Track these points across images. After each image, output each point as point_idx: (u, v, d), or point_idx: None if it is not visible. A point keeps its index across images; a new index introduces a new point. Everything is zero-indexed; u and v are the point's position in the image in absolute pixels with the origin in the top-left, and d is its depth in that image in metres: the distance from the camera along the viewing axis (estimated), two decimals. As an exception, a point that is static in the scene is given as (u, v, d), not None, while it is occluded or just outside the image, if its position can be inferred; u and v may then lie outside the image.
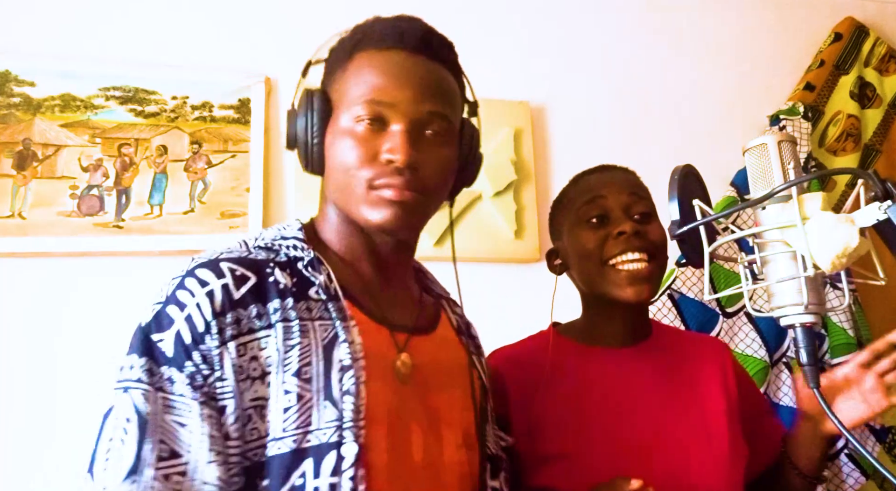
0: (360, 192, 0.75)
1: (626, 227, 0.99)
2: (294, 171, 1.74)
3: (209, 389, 0.65)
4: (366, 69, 0.77)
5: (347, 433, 0.66)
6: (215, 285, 0.68)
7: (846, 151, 2.09)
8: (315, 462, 0.66)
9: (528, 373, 1.03)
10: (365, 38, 0.78)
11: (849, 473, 1.78)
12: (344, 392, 0.68)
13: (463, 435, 0.79)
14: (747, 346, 1.81)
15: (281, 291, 0.71)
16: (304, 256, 0.75)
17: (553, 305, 1.09)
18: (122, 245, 1.61)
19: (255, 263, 0.72)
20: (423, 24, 0.80)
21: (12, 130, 1.64)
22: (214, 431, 0.64)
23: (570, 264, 1.08)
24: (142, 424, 0.63)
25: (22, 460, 1.48)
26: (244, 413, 0.66)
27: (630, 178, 1.08)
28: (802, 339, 0.71)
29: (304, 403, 0.67)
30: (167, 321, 0.67)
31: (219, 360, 0.66)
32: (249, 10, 1.84)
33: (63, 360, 1.53)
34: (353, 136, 0.75)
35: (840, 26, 2.18)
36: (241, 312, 0.68)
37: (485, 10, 1.99)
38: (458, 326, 0.90)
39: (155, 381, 0.65)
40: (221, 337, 0.66)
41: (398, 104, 0.75)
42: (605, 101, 2.01)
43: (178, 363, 0.66)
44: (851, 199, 0.72)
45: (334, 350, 0.70)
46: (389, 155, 0.74)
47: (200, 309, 0.67)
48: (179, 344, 0.66)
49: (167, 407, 0.65)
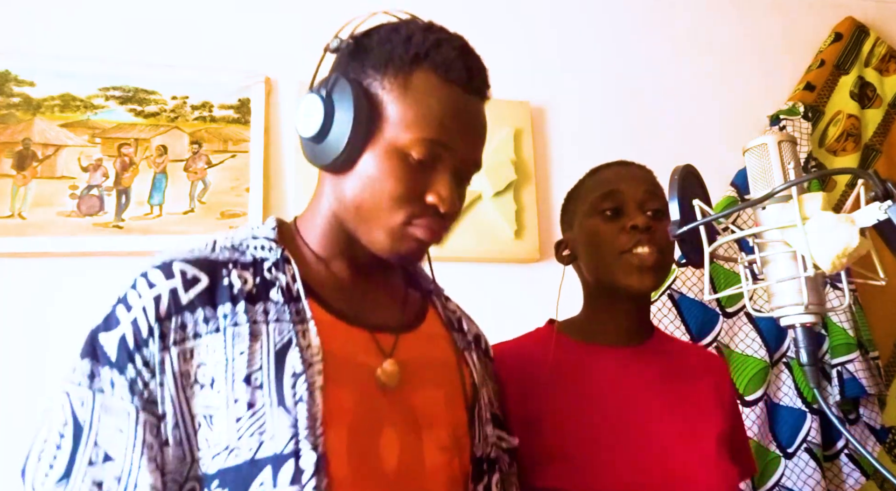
0: (391, 224, 0.72)
1: (640, 220, 1.00)
2: (294, 171, 1.74)
3: (149, 395, 0.64)
4: (429, 99, 0.72)
5: (304, 442, 0.64)
6: (163, 288, 0.67)
7: (846, 151, 2.09)
8: (273, 472, 0.64)
9: (526, 370, 1.03)
10: (427, 56, 0.73)
11: (849, 473, 1.78)
12: (297, 399, 0.65)
13: (450, 436, 0.76)
14: (747, 346, 1.81)
15: (234, 295, 0.69)
16: (270, 256, 0.73)
17: (559, 297, 1.09)
18: (122, 245, 1.61)
19: (211, 264, 0.70)
20: (482, 63, 0.78)
21: (12, 130, 1.64)
22: (151, 437, 0.63)
23: (579, 254, 1.08)
24: (77, 428, 0.63)
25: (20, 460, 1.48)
26: (194, 420, 0.65)
27: (647, 176, 1.09)
28: (802, 339, 0.71)
29: (255, 410, 0.65)
30: (114, 323, 0.67)
31: (160, 365, 0.65)
32: (249, 10, 1.84)
33: (63, 360, 1.53)
34: (402, 165, 0.71)
35: (840, 26, 2.18)
36: (188, 317, 0.67)
37: (485, 10, 1.99)
38: (448, 321, 0.87)
39: (95, 383, 0.65)
40: (164, 342, 0.65)
41: (456, 150, 0.74)
42: (605, 101, 2.01)
43: (119, 366, 0.65)
44: (851, 199, 0.72)
45: (287, 355, 0.67)
46: (435, 199, 0.72)
47: (146, 312, 0.66)
48: (123, 347, 0.65)
49: (105, 410, 0.64)
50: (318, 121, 0.72)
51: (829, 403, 1.76)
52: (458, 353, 0.84)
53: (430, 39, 0.74)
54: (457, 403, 0.79)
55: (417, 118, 0.71)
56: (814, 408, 1.77)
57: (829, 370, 1.80)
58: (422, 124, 0.71)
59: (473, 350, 0.88)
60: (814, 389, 0.70)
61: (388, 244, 0.73)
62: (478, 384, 0.84)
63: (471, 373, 0.84)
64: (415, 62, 0.73)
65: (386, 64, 0.73)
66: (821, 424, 1.77)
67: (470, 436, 0.79)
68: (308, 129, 0.74)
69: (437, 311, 0.88)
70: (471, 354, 0.86)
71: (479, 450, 0.80)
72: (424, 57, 0.73)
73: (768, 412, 1.78)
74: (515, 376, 1.02)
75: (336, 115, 0.72)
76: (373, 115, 0.72)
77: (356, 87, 0.72)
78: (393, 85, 0.72)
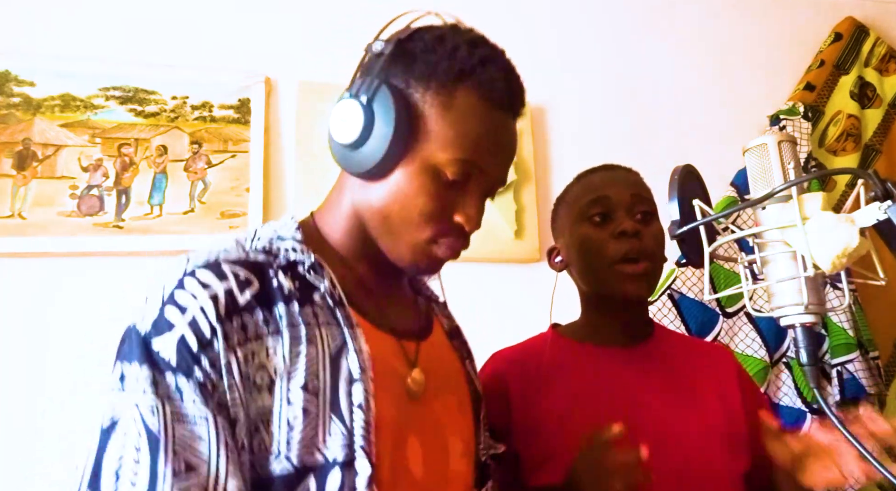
0: (417, 239, 0.72)
1: (628, 226, 1.00)
2: (294, 171, 1.74)
3: (220, 398, 0.61)
4: (471, 119, 0.71)
5: (359, 450, 0.63)
6: (218, 288, 0.64)
7: (846, 151, 2.09)
8: (318, 481, 0.62)
9: (530, 374, 1.03)
10: (473, 73, 0.71)
11: (849, 473, 1.78)
12: (355, 406, 0.64)
13: (465, 442, 0.78)
14: (747, 346, 1.81)
15: (286, 296, 0.67)
16: (304, 259, 0.71)
17: (552, 303, 1.09)
18: (122, 245, 1.61)
19: (257, 266, 0.68)
20: (521, 82, 0.77)
21: (12, 130, 1.64)
22: (231, 440, 0.61)
23: (572, 262, 1.08)
24: (153, 440, 0.59)
25: (20, 460, 1.48)
26: (252, 424, 0.63)
27: (633, 178, 1.09)
28: (802, 339, 0.71)
29: (309, 416, 0.63)
30: (166, 325, 0.62)
31: (227, 367, 0.62)
32: (249, 10, 1.84)
33: (63, 360, 1.53)
34: (436, 183, 0.71)
35: (840, 26, 2.18)
36: (248, 318, 0.64)
37: (485, 10, 1.99)
38: (449, 331, 0.88)
39: (161, 391, 0.60)
40: (228, 343, 0.62)
41: (489, 171, 0.73)
42: (605, 101, 2.01)
43: (184, 370, 0.61)
44: (851, 199, 0.72)
45: (342, 360, 0.66)
46: (463, 220, 0.72)
47: (205, 312, 0.62)
48: (185, 350, 0.61)
49: (179, 417, 0.60)
50: (357, 129, 0.70)
51: (829, 403, 1.76)
52: (462, 361, 0.85)
53: (477, 56, 0.72)
54: (466, 410, 0.81)
55: (457, 138, 0.70)
56: (814, 408, 1.77)
57: (829, 370, 1.80)
58: (460, 145, 0.70)
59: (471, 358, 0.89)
60: (814, 389, 0.70)
61: (410, 258, 0.73)
62: (480, 393, 0.85)
63: (472, 381, 0.85)
64: (459, 79, 0.71)
65: (430, 77, 0.71)
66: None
67: (476, 442, 0.80)
68: (345, 136, 0.71)
69: (440, 320, 0.88)
70: (470, 363, 0.88)
71: (482, 455, 0.81)
72: (469, 74, 0.71)
73: (768, 412, 1.78)
74: (518, 381, 1.03)
75: (376, 124, 0.70)
76: (413, 129, 0.71)
77: (398, 98, 0.70)
78: (435, 100, 0.71)
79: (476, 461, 0.80)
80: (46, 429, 1.49)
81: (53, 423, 1.50)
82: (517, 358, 1.08)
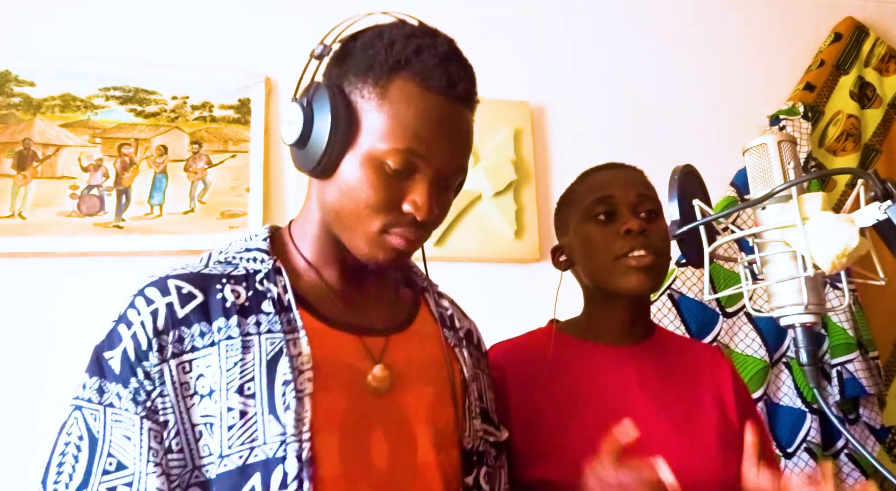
0: (368, 231, 0.74)
1: (634, 224, 1.00)
2: (294, 171, 1.73)
3: (151, 404, 0.68)
4: (407, 108, 0.72)
5: (290, 448, 0.67)
6: (160, 304, 0.71)
7: (846, 151, 2.09)
8: (263, 477, 0.67)
9: (527, 368, 1.04)
10: (408, 62, 0.72)
11: (849, 473, 1.78)
12: (286, 406, 0.68)
13: (440, 432, 0.78)
14: (747, 346, 1.81)
15: (226, 309, 0.72)
16: (262, 268, 0.76)
17: (557, 301, 1.09)
18: (122, 245, 1.61)
19: (205, 280, 0.74)
20: (468, 68, 0.77)
21: (12, 130, 1.64)
22: (155, 443, 0.67)
23: (576, 260, 1.08)
24: (92, 442, 0.68)
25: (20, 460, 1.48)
26: (195, 429, 0.68)
27: (638, 177, 1.09)
28: (802, 339, 0.71)
29: (247, 419, 0.68)
30: (117, 339, 0.70)
31: (159, 376, 0.68)
32: (249, 10, 1.84)
33: (63, 360, 1.53)
34: (378, 174, 0.72)
35: (840, 26, 2.18)
36: (185, 330, 0.70)
37: (485, 10, 1.99)
38: (439, 318, 0.87)
39: (104, 399, 0.69)
40: (162, 355, 0.69)
41: (432, 158, 0.73)
42: (605, 101, 2.01)
43: (123, 380, 0.68)
44: (851, 199, 0.72)
45: (278, 364, 0.70)
46: (412, 208, 0.73)
47: (144, 327, 0.69)
48: (125, 361, 0.69)
49: (115, 422, 0.68)
50: (298, 128, 0.74)
51: (828, 402, 1.76)
52: (447, 349, 0.85)
53: (412, 46, 0.73)
54: (445, 399, 0.81)
55: (393, 128, 0.72)
56: (813, 408, 1.77)
57: (828, 370, 1.80)
58: (398, 134, 0.72)
59: (465, 346, 0.88)
60: (814, 389, 0.71)
61: (367, 251, 0.75)
62: (468, 379, 0.85)
63: (461, 368, 0.85)
64: (394, 70, 0.73)
65: (367, 71, 0.73)
66: (820, 424, 1.77)
67: (459, 431, 0.81)
68: (290, 135, 0.76)
69: (429, 308, 0.88)
70: (461, 350, 0.87)
71: (468, 443, 0.82)
72: (405, 64, 0.72)
73: (768, 412, 1.78)
74: (516, 374, 1.03)
75: (315, 122, 0.74)
76: (351, 124, 0.73)
77: (335, 96, 0.73)
78: (372, 93, 0.73)
79: (461, 449, 0.81)
80: (46, 429, 1.49)
81: (53, 423, 1.50)
82: (516, 351, 1.08)
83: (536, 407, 1.00)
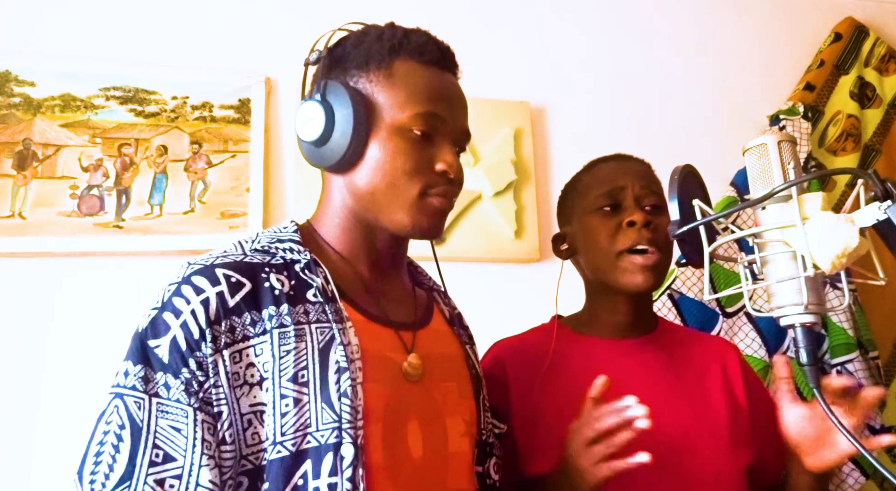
0: (409, 198, 0.77)
1: (638, 217, 1.00)
2: (294, 171, 1.74)
3: (204, 395, 0.67)
4: (414, 79, 0.78)
5: (345, 434, 0.68)
6: (210, 293, 0.69)
7: (846, 151, 2.09)
8: (314, 463, 0.67)
9: (531, 363, 1.04)
10: (401, 45, 0.79)
11: (849, 473, 1.78)
12: (341, 394, 0.69)
13: (465, 423, 0.82)
14: (747, 346, 1.81)
15: (276, 297, 0.72)
16: (300, 258, 0.76)
17: (558, 292, 1.09)
18: (122, 245, 1.61)
19: (250, 268, 0.73)
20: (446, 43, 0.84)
21: (12, 130, 1.64)
22: (209, 436, 0.66)
23: (578, 250, 1.08)
24: (135, 431, 0.66)
25: (20, 460, 1.48)
26: (243, 418, 0.68)
27: (645, 170, 1.09)
28: (802, 338, 0.71)
29: (301, 406, 0.68)
30: (163, 328, 0.69)
31: (213, 367, 0.67)
32: (249, 10, 1.84)
33: (63, 360, 1.53)
34: (406, 141, 0.77)
35: (840, 26, 2.18)
36: (236, 320, 0.70)
37: (485, 10, 1.99)
38: (450, 318, 0.91)
39: (150, 388, 0.67)
40: (216, 345, 0.68)
41: (449, 121, 0.80)
42: (605, 101, 2.01)
43: (173, 369, 0.67)
44: (851, 199, 0.72)
45: (330, 352, 0.71)
46: (444, 166, 0.77)
47: (196, 316, 0.68)
48: (175, 350, 0.68)
49: (162, 412, 0.67)
50: (321, 123, 0.77)
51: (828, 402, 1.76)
52: (462, 347, 0.89)
53: (398, 33, 0.81)
54: (466, 393, 0.85)
55: (408, 96, 0.77)
56: (814, 408, 1.77)
57: (828, 370, 1.80)
58: (414, 101, 0.77)
59: (472, 344, 0.93)
60: (814, 389, 0.71)
61: (409, 221, 0.77)
62: (480, 376, 0.89)
63: (474, 365, 0.89)
64: (392, 53, 0.79)
65: (366, 62, 0.79)
66: (820, 424, 1.77)
67: (477, 423, 0.85)
68: (312, 133, 0.78)
69: (440, 308, 0.91)
70: (471, 348, 0.92)
71: (484, 435, 0.86)
72: (399, 47, 0.79)
73: (768, 412, 1.78)
74: (519, 369, 1.04)
75: (336, 114, 0.77)
76: (368, 108, 0.77)
77: (346, 86, 0.77)
78: (378, 76, 0.78)
79: (477, 441, 0.85)
80: (46, 429, 1.49)
81: (53, 423, 1.50)
82: (519, 347, 1.08)
83: (538, 402, 1.00)
